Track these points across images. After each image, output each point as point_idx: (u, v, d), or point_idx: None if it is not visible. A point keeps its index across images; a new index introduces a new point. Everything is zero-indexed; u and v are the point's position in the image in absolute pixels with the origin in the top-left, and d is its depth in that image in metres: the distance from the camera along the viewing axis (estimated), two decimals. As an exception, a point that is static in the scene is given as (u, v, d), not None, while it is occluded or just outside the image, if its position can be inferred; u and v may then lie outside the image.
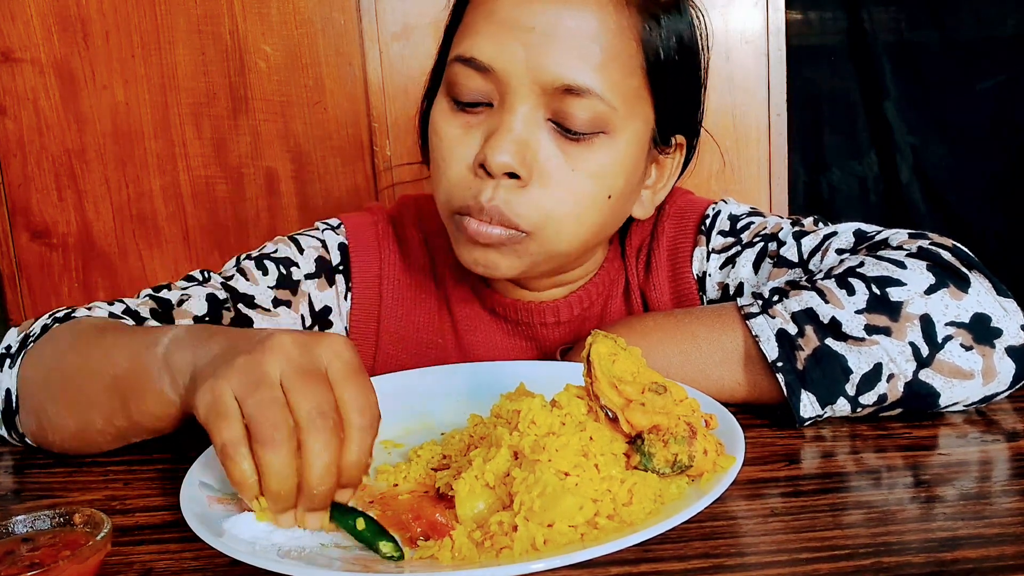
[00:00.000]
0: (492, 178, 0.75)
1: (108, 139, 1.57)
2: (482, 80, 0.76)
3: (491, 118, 0.76)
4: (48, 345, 0.73)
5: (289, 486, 0.51)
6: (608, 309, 0.91)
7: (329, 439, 0.51)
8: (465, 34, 0.77)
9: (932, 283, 0.68)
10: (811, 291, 0.70)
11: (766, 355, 0.68)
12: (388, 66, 1.58)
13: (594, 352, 0.57)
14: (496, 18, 0.75)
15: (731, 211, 0.89)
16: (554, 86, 0.74)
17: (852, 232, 0.79)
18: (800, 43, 1.77)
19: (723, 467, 0.55)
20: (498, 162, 0.73)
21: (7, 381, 0.73)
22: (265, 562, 0.48)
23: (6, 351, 0.75)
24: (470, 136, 0.77)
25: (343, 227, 0.92)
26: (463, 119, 0.78)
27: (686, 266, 0.88)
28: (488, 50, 0.75)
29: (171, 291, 0.83)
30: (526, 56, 0.74)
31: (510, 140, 0.74)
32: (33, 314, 1.61)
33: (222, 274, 0.87)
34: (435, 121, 0.80)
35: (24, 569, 0.47)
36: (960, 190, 1.92)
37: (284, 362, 0.53)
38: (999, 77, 1.88)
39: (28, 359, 0.73)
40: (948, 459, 0.62)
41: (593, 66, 0.74)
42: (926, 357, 0.66)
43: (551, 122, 0.76)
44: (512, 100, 0.75)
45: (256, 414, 0.51)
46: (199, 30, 1.55)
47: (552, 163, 0.76)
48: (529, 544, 0.49)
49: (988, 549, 0.49)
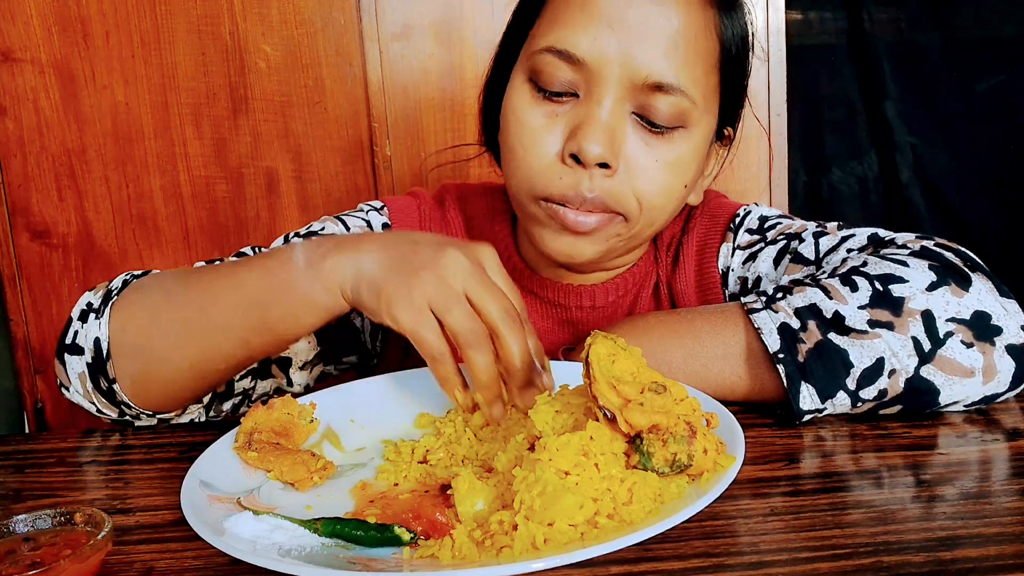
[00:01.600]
0: (584, 168, 0.77)
1: (108, 139, 1.57)
2: (571, 71, 0.77)
3: (576, 108, 0.78)
4: (143, 291, 0.76)
5: (495, 374, 0.64)
6: (639, 299, 0.94)
7: (517, 329, 0.63)
8: (556, 24, 0.78)
9: (934, 280, 0.69)
10: (815, 288, 0.71)
11: (768, 347, 0.69)
12: (388, 66, 1.58)
13: (593, 353, 0.57)
14: (590, 11, 0.76)
15: (762, 213, 0.92)
16: (644, 82, 0.76)
17: (867, 236, 0.81)
18: (800, 43, 1.77)
19: (723, 466, 0.55)
20: (593, 153, 0.76)
21: (95, 331, 0.74)
22: (266, 561, 0.48)
23: (88, 307, 0.76)
24: (555, 124, 0.79)
25: (387, 209, 0.96)
26: (548, 108, 0.79)
27: (712, 261, 0.92)
28: (583, 44, 0.76)
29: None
30: (619, 51, 0.76)
31: (602, 131, 0.76)
32: (33, 314, 1.61)
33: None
34: (516, 108, 0.81)
35: (25, 568, 0.47)
36: (960, 190, 1.92)
37: (463, 276, 0.63)
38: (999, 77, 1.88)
39: (121, 307, 0.75)
40: (948, 459, 0.62)
41: (681, 63, 0.77)
42: (928, 352, 0.67)
43: (635, 115, 0.78)
44: (601, 92, 0.77)
45: (458, 327, 0.62)
46: (199, 30, 1.55)
47: (637, 154, 0.78)
48: (529, 543, 0.49)
49: (988, 548, 0.49)
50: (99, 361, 0.74)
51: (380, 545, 0.53)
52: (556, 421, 0.59)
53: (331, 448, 0.70)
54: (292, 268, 0.69)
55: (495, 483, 0.56)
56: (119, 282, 0.79)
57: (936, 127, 1.90)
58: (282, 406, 0.70)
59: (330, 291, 0.67)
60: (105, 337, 0.74)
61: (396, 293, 0.63)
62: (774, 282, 0.85)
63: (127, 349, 0.74)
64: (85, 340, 0.75)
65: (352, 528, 0.53)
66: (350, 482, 0.64)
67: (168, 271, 0.80)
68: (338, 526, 0.54)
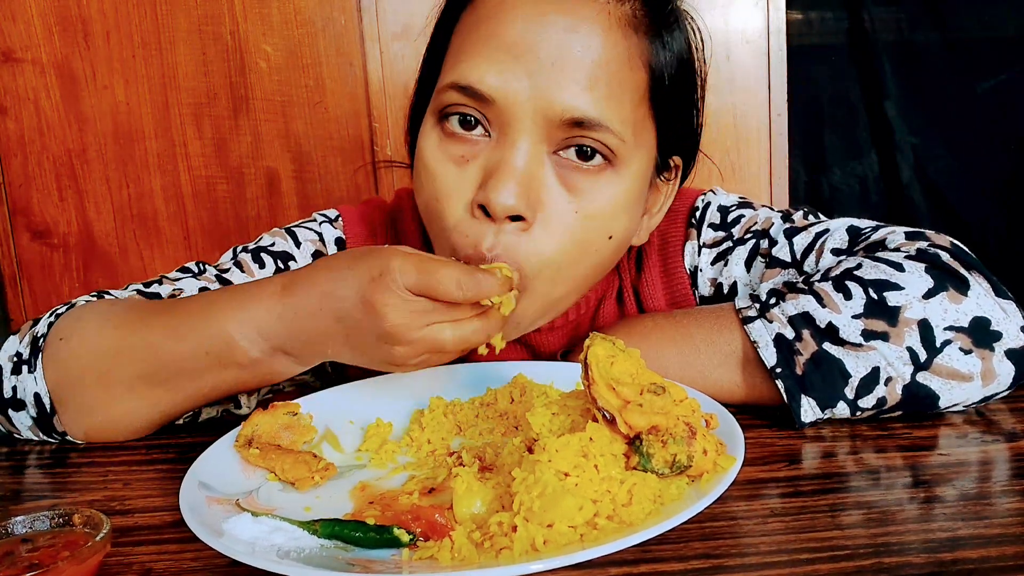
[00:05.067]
0: (493, 221, 0.69)
1: (109, 139, 1.58)
2: (480, 109, 0.70)
3: (489, 150, 0.70)
4: (75, 340, 0.72)
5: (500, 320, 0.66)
6: (602, 311, 0.88)
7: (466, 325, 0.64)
8: (461, 58, 0.71)
9: (931, 287, 0.68)
10: (808, 294, 0.70)
11: (765, 361, 0.68)
12: (388, 66, 1.58)
13: (591, 355, 0.57)
14: (497, 43, 0.69)
15: (720, 202, 0.87)
16: (562, 119, 0.68)
17: (845, 229, 0.78)
18: (800, 43, 1.77)
19: (723, 467, 0.55)
20: (505, 205, 0.68)
21: (32, 386, 0.72)
22: (265, 563, 0.48)
23: (18, 358, 0.74)
24: (465, 172, 0.71)
25: (341, 220, 0.92)
26: (458, 150, 0.71)
27: (677, 260, 0.87)
28: (489, 79, 0.68)
29: (162, 285, 0.82)
30: (531, 86, 0.68)
31: (514, 180, 0.68)
32: (34, 314, 1.61)
33: (218, 267, 0.86)
34: (425, 156, 0.74)
35: (23, 570, 0.47)
36: (960, 190, 1.91)
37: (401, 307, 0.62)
38: (999, 77, 1.88)
39: (56, 357, 0.72)
40: (948, 459, 0.62)
41: (603, 97, 0.69)
42: (924, 362, 0.66)
43: (555, 155, 0.71)
44: (514, 134, 0.69)
45: (456, 344, 0.64)
46: (200, 30, 1.55)
47: (555, 203, 0.70)
48: (529, 545, 0.49)
49: (988, 549, 0.49)
50: (44, 416, 0.73)
51: (379, 546, 0.53)
52: (553, 423, 0.59)
53: (330, 449, 0.70)
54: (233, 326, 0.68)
55: (494, 484, 0.56)
56: (44, 326, 0.74)
57: (936, 127, 1.90)
58: (283, 408, 0.70)
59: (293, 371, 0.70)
60: (45, 392, 0.72)
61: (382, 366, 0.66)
62: (748, 286, 0.82)
63: (77, 405, 0.72)
64: (24, 394, 0.73)
65: (351, 529, 0.53)
66: (349, 483, 0.64)
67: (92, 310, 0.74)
68: (337, 527, 0.54)
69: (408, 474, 0.66)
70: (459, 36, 0.73)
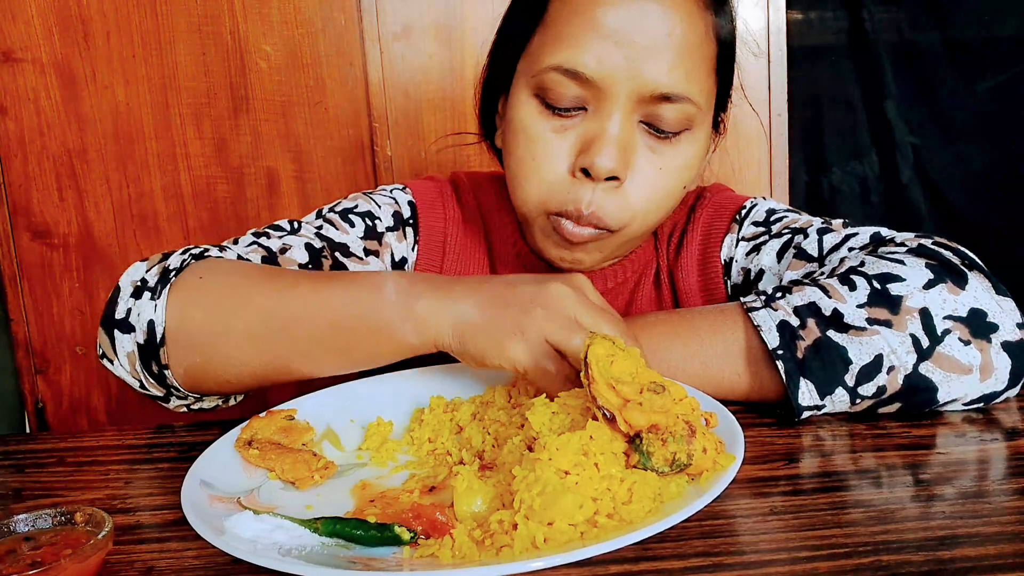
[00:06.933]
0: (593, 181, 0.79)
1: (109, 139, 1.58)
2: (579, 88, 0.79)
3: (586, 122, 0.80)
4: (208, 283, 0.73)
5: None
6: (640, 288, 0.95)
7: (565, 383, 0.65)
8: (562, 43, 0.80)
9: (930, 278, 0.69)
10: (813, 287, 0.72)
11: (767, 343, 0.69)
12: (389, 66, 1.58)
13: (591, 354, 0.57)
14: (597, 30, 0.78)
15: (770, 206, 0.93)
16: (652, 94, 0.78)
17: (870, 235, 0.81)
18: (800, 43, 1.77)
19: (723, 466, 0.55)
20: (606, 168, 0.78)
21: (149, 313, 0.72)
22: (266, 561, 0.48)
23: (142, 283, 0.74)
24: (564, 139, 0.81)
25: (409, 189, 0.98)
26: (556, 123, 0.81)
27: (716, 250, 0.93)
28: (591, 63, 0.78)
29: (270, 239, 0.86)
30: (627, 67, 0.77)
31: (613, 146, 0.78)
32: (34, 314, 1.61)
33: (310, 224, 0.90)
34: (526, 123, 0.82)
35: (25, 568, 0.47)
36: (960, 190, 1.91)
37: (573, 304, 0.65)
38: (999, 77, 1.88)
39: (181, 294, 0.72)
40: (947, 458, 0.62)
41: (686, 72, 0.79)
42: (926, 349, 0.67)
43: (642, 123, 0.80)
44: (610, 107, 0.79)
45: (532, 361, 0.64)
46: (200, 30, 1.55)
47: (643, 164, 0.81)
48: (529, 543, 0.49)
49: (987, 548, 0.49)
50: (152, 345, 0.72)
51: (380, 544, 0.53)
52: (553, 422, 0.59)
53: (331, 448, 0.71)
54: (382, 304, 0.69)
55: (494, 482, 0.56)
56: (177, 261, 0.75)
57: (937, 127, 1.90)
58: (279, 414, 0.70)
59: (422, 335, 0.68)
60: (161, 322, 0.72)
61: (509, 334, 0.64)
62: (777, 275, 0.86)
63: (186, 340, 0.72)
64: (138, 320, 0.72)
65: (352, 527, 0.53)
66: (350, 482, 0.64)
67: (235, 265, 0.77)
68: (338, 525, 0.54)
69: (409, 472, 0.66)
70: (556, 22, 0.81)
